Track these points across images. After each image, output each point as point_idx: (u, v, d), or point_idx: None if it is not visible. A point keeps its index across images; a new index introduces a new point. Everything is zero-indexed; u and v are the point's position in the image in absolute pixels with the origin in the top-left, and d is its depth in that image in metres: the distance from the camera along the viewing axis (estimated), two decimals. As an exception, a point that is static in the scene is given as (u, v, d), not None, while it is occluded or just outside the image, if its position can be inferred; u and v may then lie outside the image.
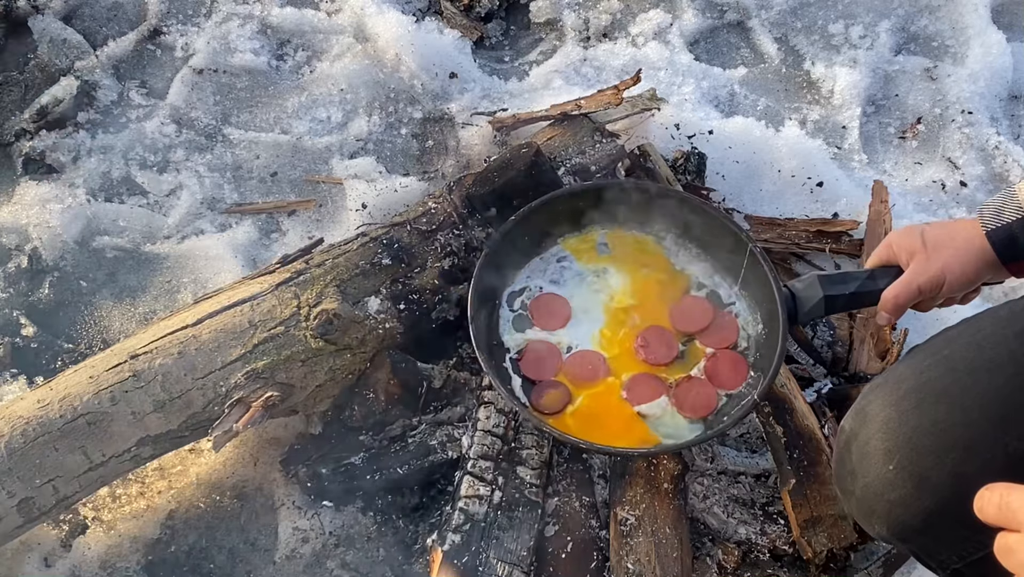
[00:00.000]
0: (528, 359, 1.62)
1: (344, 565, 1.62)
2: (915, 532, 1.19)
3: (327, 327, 1.58)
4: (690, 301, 1.67)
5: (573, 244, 1.73)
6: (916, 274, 1.33)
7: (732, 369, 1.60)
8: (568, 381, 1.59)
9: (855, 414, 1.26)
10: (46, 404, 1.50)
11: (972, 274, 1.31)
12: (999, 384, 1.17)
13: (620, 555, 1.51)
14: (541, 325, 1.65)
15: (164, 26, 2.34)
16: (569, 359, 1.61)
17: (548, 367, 1.60)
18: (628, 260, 1.72)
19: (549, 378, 1.60)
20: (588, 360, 1.61)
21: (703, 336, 1.64)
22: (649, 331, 1.63)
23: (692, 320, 1.64)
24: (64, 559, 1.62)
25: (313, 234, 2.00)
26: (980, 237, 1.29)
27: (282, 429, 1.73)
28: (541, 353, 1.62)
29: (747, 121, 2.16)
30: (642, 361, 1.60)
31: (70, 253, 1.97)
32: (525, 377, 1.60)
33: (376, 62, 2.25)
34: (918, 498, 1.16)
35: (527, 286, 1.69)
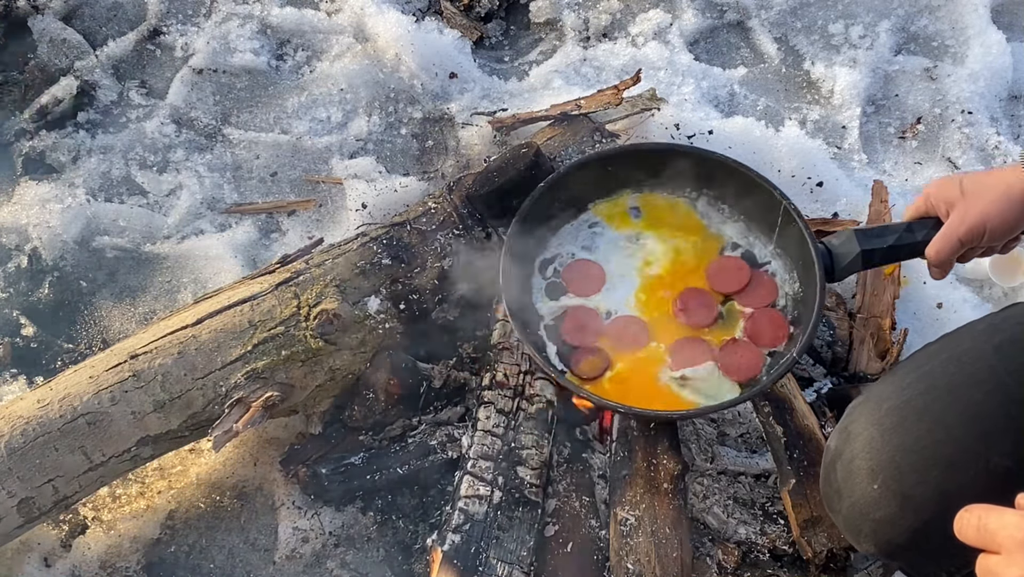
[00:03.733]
0: (569, 325, 1.60)
1: (344, 565, 1.62)
2: (902, 549, 1.19)
3: (327, 327, 1.58)
4: (726, 261, 1.65)
5: (604, 209, 1.72)
6: (956, 224, 1.30)
7: (772, 327, 1.58)
8: (609, 347, 1.57)
9: (839, 433, 1.25)
10: (46, 404, 1.50)
11: (1013, 220, 1.28)
12: (979, 399, 1.16)
13: (620, 555, 1.51)
14: (576, 291, 1.63)
15: (164, 26, 2.34)
16: (610, 324, 1.60)
17: (590, 332, 1.59)
18: (661, 223, 1.70)
19: (591, 344, 1.58)
20: (630, 326, 1.59)
21: (741, 296, 1.62)
22: (687, 293, 1.61)
23: (729, 280, 1.62)
24: (64, 559, 1.62)
25: (313, 234, 2.00)
26: (1021, 182, 1.25)
27: (282, 429, 1.73)
28: (582, 319, 1.60)
29: (747, 121, 2.16)
30: (683, 324, 1.59)
31: (70, 253, 1.97)
32: (565, 343, 1.59)
33: (376, 62, 2.25)
34: (903, 516, 1.16)
35: (559, 253, 1.68)
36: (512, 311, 1.54)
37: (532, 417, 1.62)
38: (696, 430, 1.72)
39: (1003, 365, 1.17)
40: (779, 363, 1.52)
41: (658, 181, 1.72)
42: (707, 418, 1.75)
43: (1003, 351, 1.19)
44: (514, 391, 1.65)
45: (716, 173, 1.68)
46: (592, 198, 1.72)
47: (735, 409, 1.75)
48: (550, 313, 1.63)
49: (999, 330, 1.23)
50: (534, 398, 1.64)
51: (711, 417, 1.75)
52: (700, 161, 1.69)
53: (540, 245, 1.68)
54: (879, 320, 1.84)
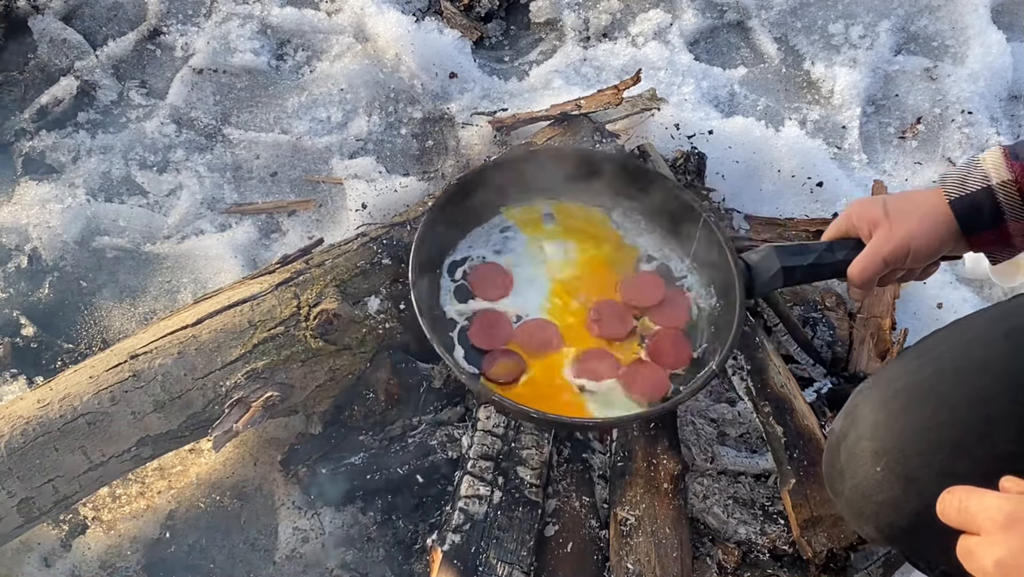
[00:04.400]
0: (476, 328, 1.57)
1: (344, 565, 1.62)
2: (903, 533, 1.19)
3: (327, 327, 1.58)
4: (642, 277, 1.62)
5: (517, 214, 1.68)
6: (880, 244, 1.31)
7: (675, 350, 1.55)
8: (522, 351, 1.55)
9: (844, 415, 1.25)
10: (46, 404, 1.50)
11: (937, 241, 1.29)
12: (987, 384, 1.16)
13: (620, 555, 1.51)
14: (482, 295, 1.60)
15: (164, 26, 2.34)
16: (520, 328, 1.57)
17: (498, 336, 1.56)
18: (575, 232, 1.66)
19: (500, 347, 1.55)
20: (541, 329, 1.56)
21: (653, 313, 1.59)
22: (602, 305, 1.58)
23: (643, 296, 1.60)
24: (64, 559, 1.62)
25: (313, 234, 2.00)
26: (943, 205, 1.26)
27: (282, 429, 1.73)
28: (490, 321, 1.57)
29: (747, 121, 2.16)
30: (596, 336, 1.56)
31: (70, 253, 1.97)
32: (474, 347, 1.55)
33: (376, 62, 2.25)
34: (906, 499, 1.16)
35: (469, 256, 1.64)
36: (421, 311, 1.49)
37: (532, 417, 1.62)
38: (696, 430, 1.72)
39: (1012, 351, 1.17)
40: (696, 376, 1.49)
41: (574, 188, 1.68)
42: (707, 418, 1.75)
43: (1012, 337, 1.19)
44: (514, 391, 1.65)
45: (635, 180, 1.64)
46: (505, 202, 1.68)
47: (735, 409, 1.75)
48: (460, 316, 1.59)
49: (1009, 317, 1.23)
50: (534, 398, 1.64)
51: (711, 417, 1.75)
52: (619, 168, 1.65)
53: (449, 246, 1.64)
54: (879, 320, 1.84)
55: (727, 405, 1.76)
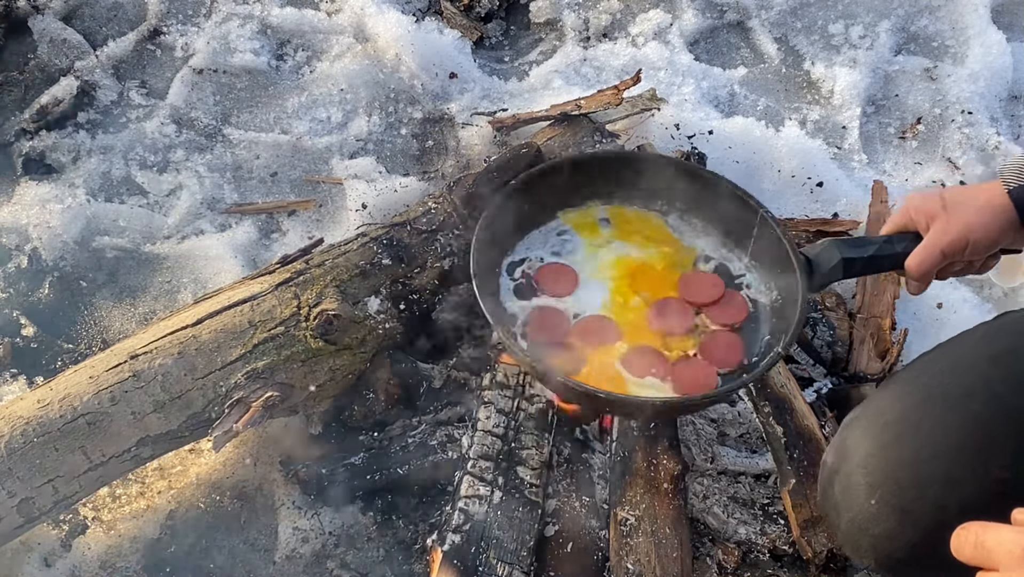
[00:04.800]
0: (535, 324, 1.58)
1: (344, 565, 1.62)
2: (902, 564, 1.18)
3: (327, 327, 1.58)
4: (699, 276, 1.64)
5: (573, 218, 1.70)
6: (938, 237, 1.30)
7: (727, 349, 1.56)
8: (579, 345, 1.55)
9: (836, 448, 1.25)
10: (46, 404, 1.50)
11: (995, 234, 1.28)
12: (976, 411, 1.16)
13: (620, 555, 1.51)
14: (549, 291, 1.62)
15: (164, 26, 2.34)
16: (578, 324, 1.58)
17: (557, 331, 1.57)
18: (631, 234, 1.68)
19: (559, 341, 1.56)
20: (598, 325, 1.57)
21: (711, 311, 1.60)
22: (663, 301, 1.60)
23: (702, 292, 1.61)
24: (64, 559, 1.62)
25: (313, 234, 2.00)
26: (1002, 195, 1.25)
27: (282, 429, 1.73)
28: (548, 317, 1.58)
29: (747, 121, 2.16)
30: (656, 331, 1.57)
31: (70, 253, 1.97)
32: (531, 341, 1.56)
33: (376, 62, 2.25)
34: (902, 531, 1.15)
35: (527, 257, 1.66)
36: (486, 307, 1.50)
37: (532, 417, 1.62)
38: (696, 430, 1.72)
39: (998, 376, 1.17)
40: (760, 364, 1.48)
41: (628, 192, 1.69)
42: (707, 418, 1.75)
43: (998, 362, 1.18)
44: (514, 391, 1.65)
45: (690, 183, 1.66)
46: (561, 206, 1.69)
47: (735, 409, 1.75)
48: (522, 311, 1.60)
49: (994, 341, 1.22)
50: (534, 398, 1.64)
51: (711, 417, 1.75)
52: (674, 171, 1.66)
53: (508, 247, 1.66)
54: (879, 320, 1.84)
55: (727, 405, 1.76)
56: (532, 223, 1.68)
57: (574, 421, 1.68)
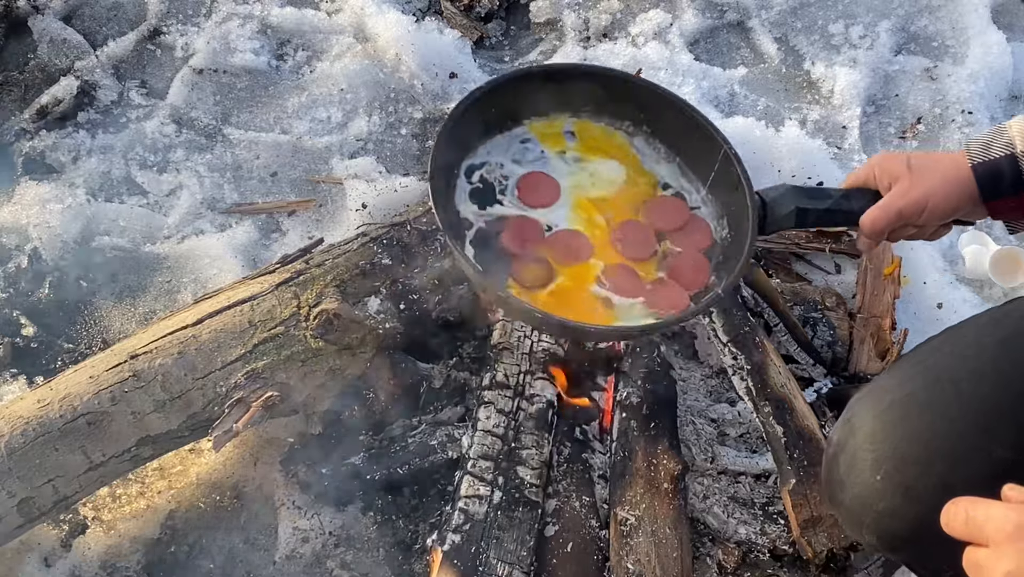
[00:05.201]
0: (509, 233, 1.56)
1: (344, 565, 1.62)
2: (905, 542, 1.18)
3: (327, 327, 1.58)
4: (665, 200, 1.62)
5: (539, 128, 1.67)
6: (898, 198, 1.32)
7: (695, 271, 1.55)
8: (552, 258, 1.55)
9: (842, 426, 1.25)
10: (46, 404, 1.50)
11: (954, 204, 1.30)
12: (983, 393, 1.16)
13: (620, 555, 1.51)
14: (527, 201, 1.60)
15: (164, 26, 2.34)
16: (552, 237, 1.57)
17: (530, 242, 1.56)
18: (595, 151, 1.66)
19: (530, 253, 1.55)
20: (573, 239, 1.56)
21: (675, 236, 1.59)
22: (626, 225, 1.59)
23: (667, 218, 1.60)
24: (64, 559, 1.62)
25: (313, 234, 2.00)
26: (965, 168, 1.28)
27: (282, 429, 1.73)
28: (523, 229, 1.57)
29: (747, 121, 2.16)
30: (619, 254, 1.56)
31: (70, 253, 1.97)
32: (504, 251, 1.55)
33: (376, 62, 2.25)
34: (906, 508, 1.15)
35: (487, 161, 1.63)
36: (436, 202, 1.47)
37: (532, 417, 1.62)
38: (696, 430, 1.72)
39: (1006, 359, 1.17)
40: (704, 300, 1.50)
41: (597, 109, 1.67)
42: (707, 418, 1.75)
43: (1006, 345, 1.19)
44: (514, 391, 1.65)
45: (659, 109, 1.64)
46: (529, 114, 1.67)
47: (735, 409, 1.75)
48: (477, 217, 1.58)
49: (1002, 325, 1.23)
50: (534, 398, 1.64)
51: (711, 417, 1.75)
52: (645, 95, 1.65)
53: (469, 149, 1.63)
54: (879, 320, 1.84)
55: (727, 405, 1.76)
56: (497, 127, 1.65)
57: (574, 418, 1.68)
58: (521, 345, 1.69)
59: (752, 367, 1.68)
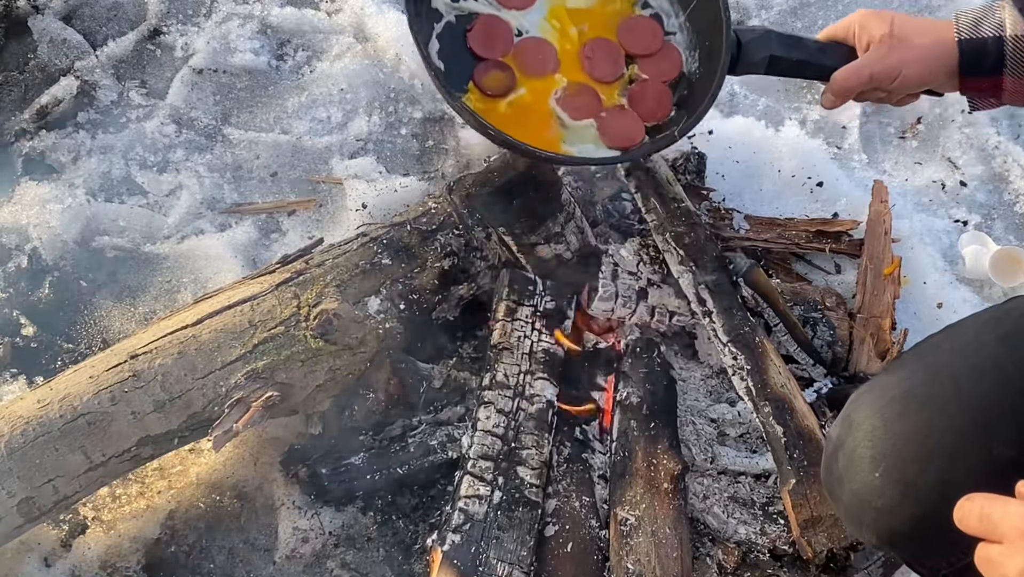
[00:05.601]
0: (477, 33, 1.51)
1: (344, 565, 1.62)
2: (904, 538, 1.18)
3: (327, 327, 1.58)
4: (641, 21, 1.57)
5: None
6: (872, 61, 1.31)
7: (655, 101, 1.52)
8: (515, 67, 1.50)
9: (841, 422, 1.25)
10: (46, 404, 1.50)
11: (929, 75, 1.30)
12: (983, 390, 1.16)
13: (620, 555, 1.51)
14: (504, 1, 1.54)
15: (164, 26, 2.34)
16: (520, 43, 1.52)
17: (498, 46, 1.51)
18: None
19: (497, 58, 1.50)
20: (540, 49, 1.51)
21: (645, 62, 1.55)
22: (596, 42, 1.54)
23: (640, 42, 1.55)
24: (64, 559, 1.62)
25: (313, 234, 2.00)
26: (950, 41, 1.27)
27: (282, 429, 1.73)
28: (492, 28, 1.51)
29: (747, 121, 2.16)
30: (586, 72, 1.52)
31: (70, 253, 1.97)
32: (470, 51, 1.50)
33: (376, 62, 2.25)
34: (905, 505, 1.15)
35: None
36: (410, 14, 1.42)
37: (532, 417, 1.62)
38: (696, 430, 1.72)
39: (1006, 356, 1.17)
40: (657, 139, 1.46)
41: None
42: (707, 418, 1.75)
43: (1007, 342, 1.19)
44: (514, 391, 1.65)
45: None
46: None
47: (735, 409, 1.75)
48: (448, 10, 1.51)
49: (1002, 322, 1.23)
50: (534, 398, 1.64)
51: (711, 417, 1.75)
52: None
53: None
54: (879, 320, 1.84)
55: (727, 405, 1.76)
56: None
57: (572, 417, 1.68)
58: (521, 345, 1.69)
59: (752, 367, 1.68)
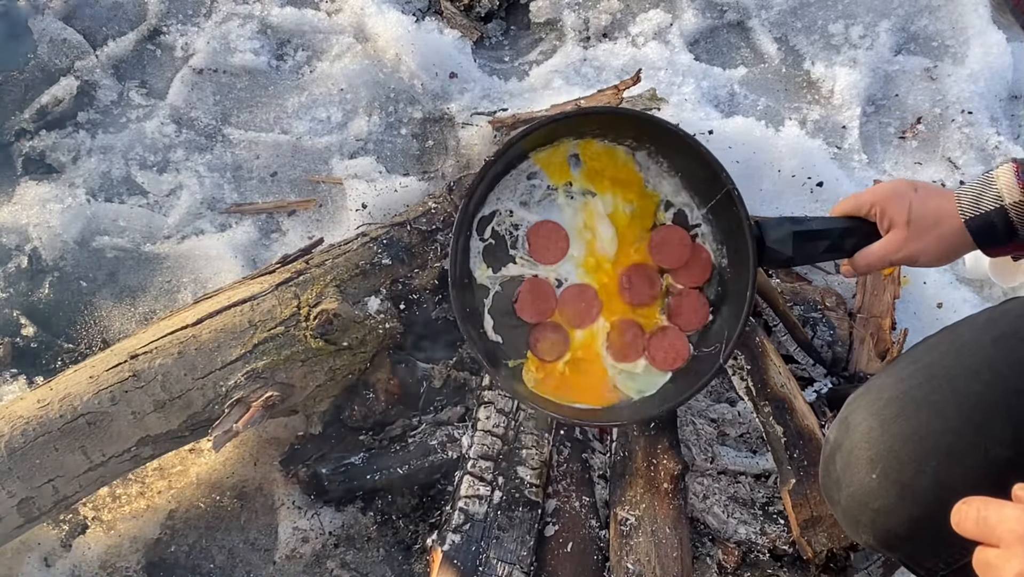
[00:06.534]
0: (523, 299, 1.55)
1: (344, 565, 1.62)
2: (901, 540, 1.19)
3: (327, 327, 1.58)
4: (669, 233, 1.61)
5: (544, 157, 1.64)
6: (893, 249, 1.38)
7: (693, 310, 1.58)
8: (564, 321, 1.55)
9: (839, 424, 1.26)
10: (46, 404, 1.50)
11: (945, 258, 1.37)
12: (978, 391, 1.17)
13: (620, 555, 1.51)
14: (538, 257, 1.58)
15: (164, 26, 2.34)
16: (563, 295, 1.56)
17: (545, 307, 1.55)
18: (599, 176, 1.63)
19: (546, 319, 1.54)
20: (582, 296, 1.56)
21: (678, 272, 1.60)
22: (632, 269, 1.59)
23: (672, 255, 1.60)
24: (64, 559, 1.62)
25: (313, 234, 2.00)
26: (959, 223, 1.32)
27: (282, 429, 1.73)
28: (536, 292, 1.56)
29: (747, 121, 2.16)
30: (627, 302, 1.58)
31: (70, 253, 1.97)
32: (520, 320, 1.54)
33: (376, 62, 2.25)
34: (902, 506, 1.16)
35: (497, 209, 1.60)
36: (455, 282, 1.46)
37: (532, 417, 1.62)
38: (696, 430, 1.72)
39: (1002, 357, 1.18)
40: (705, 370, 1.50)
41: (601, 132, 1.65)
42: (707, 418, 1.75)
43: (1002, 344, 1.19)
44: (514, 391, 1.65)
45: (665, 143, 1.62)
46: (534, 147, 1.63)
47: (735, 409, 1.75)
48: (492, 283, 1.56)
49: (998, 323, 1.23)
50: (534, 398, 1.64)
51: (711, 417, 1.75)
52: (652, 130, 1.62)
53: (479, 201, 1.59)
54: (879, 320, 1.84)
55: (727, 405, 1.76)
56: (503, 169, 1.61)
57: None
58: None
59: (752, 367, 1.68)
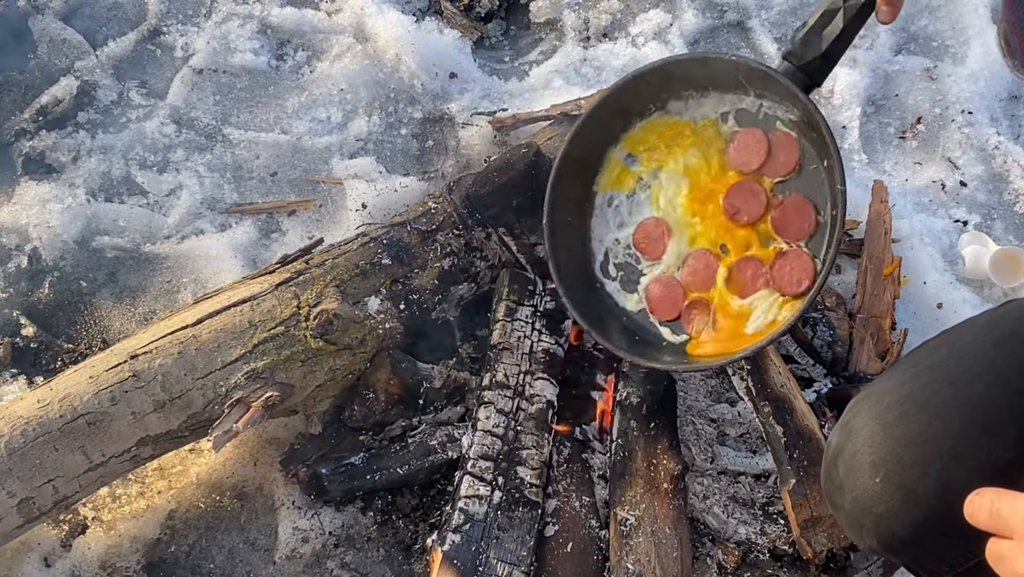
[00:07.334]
0: (655, 303, 1.59)
1: (344, 565, 1.62)
2: (905, 544, 1.19)
3: (327, 327, 1.58)
4: (741, 136, 1.56)
5: (608, 181, 1.65)
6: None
7: (798, 215, 1.51)
8: (699, 295, 1.56)
9: (840, 429, 1.26)
10: (46, 404, 1.50)
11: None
12: (981, 392, 1.16)
13: (620, 555, 1.51)
14: (651, 255, 1.60)
15: (164, 26, 2.34)
16: (684, 274, 1.57)
17: (677, 296, 1.57)
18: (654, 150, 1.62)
19: (683, 305, 1.57)
20: (697, 261, 1.57)
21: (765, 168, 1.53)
22: (731, 192, 1.55)
23: (751, 155, 1.54)
24: (64, 559, 1.62)
25: (313, 234, 2.00)
26: None
27: (282, 429, 1.73)
28: (665, 289, 1.58)
29: (747, 121, 2.15)
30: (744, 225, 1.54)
31: (70, 253, 1.97)
32: (661, 321, 1.57)
33: (376, 62, 2.25)
34: (906, 510, 1.16)
35: (607, 248, 1.65)
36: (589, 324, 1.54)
37: (532, 417, 1.62)
38: (696, 430, 1.72)
39: (1003, 358, 1.17)
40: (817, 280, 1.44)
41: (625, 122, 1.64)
42: (707, 418, 1.75)
43: (1003, 344, 1.19)
44: (514, 391, 1.65)
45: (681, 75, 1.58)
46: (591, 178, 1.65)
47: (735, 409, 1.75)
48: (637, 304, 1.61)
49: (999, 325, 1.23)
50: (534, 398, 1.65)
51: (711, 417, 1.75)
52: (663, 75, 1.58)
53: (587, 256, 1.65)
54: (879, 320, 1.84)
55: (727, 405, 1.76)
56: (582, 214, 1.65)
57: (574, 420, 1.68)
58: (521, 345, 1.69)
59: (752, 367, 1.68)
